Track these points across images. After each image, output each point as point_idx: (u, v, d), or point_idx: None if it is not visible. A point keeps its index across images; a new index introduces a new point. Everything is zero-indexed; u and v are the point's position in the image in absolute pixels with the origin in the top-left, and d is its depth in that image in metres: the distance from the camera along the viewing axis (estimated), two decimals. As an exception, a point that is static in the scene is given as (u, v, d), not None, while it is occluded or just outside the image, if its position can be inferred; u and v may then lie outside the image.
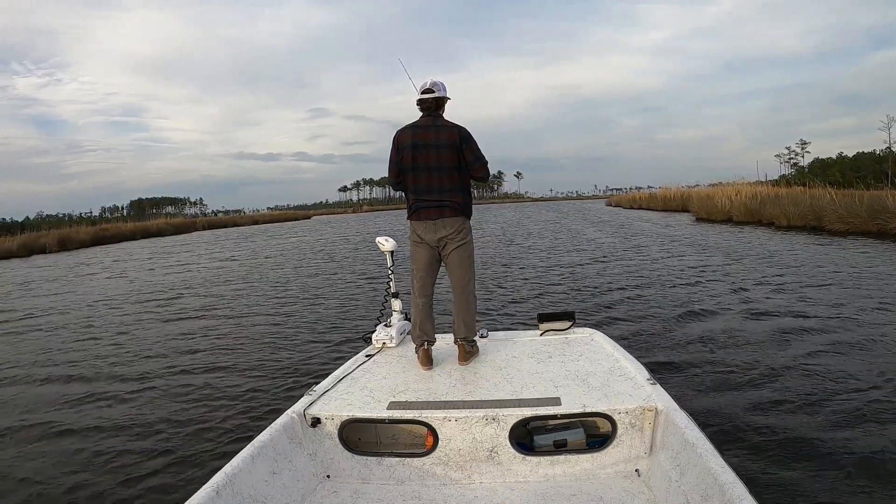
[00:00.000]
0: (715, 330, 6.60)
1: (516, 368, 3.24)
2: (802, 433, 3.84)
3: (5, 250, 30.77)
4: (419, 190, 3.49)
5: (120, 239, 40.74)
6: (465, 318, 3.53)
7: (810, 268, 10.70)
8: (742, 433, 3.89)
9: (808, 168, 48.73)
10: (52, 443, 4.59)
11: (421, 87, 3.54)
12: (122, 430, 4.68)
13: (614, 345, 3.53)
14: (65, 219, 78.32)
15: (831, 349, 5.61)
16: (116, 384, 5.97)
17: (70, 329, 9.19)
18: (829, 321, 6.67)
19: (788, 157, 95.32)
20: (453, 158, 3.46)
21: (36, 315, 10.83)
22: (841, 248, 13.40)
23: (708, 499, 1.95)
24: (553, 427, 2.68)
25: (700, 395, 4.58)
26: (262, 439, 2.48)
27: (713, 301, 8.24)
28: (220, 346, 7.23)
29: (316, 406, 2.79)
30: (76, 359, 7.17)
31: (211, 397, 5.27)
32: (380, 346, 3.83)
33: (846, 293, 8.18)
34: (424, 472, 2.63)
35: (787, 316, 7.07)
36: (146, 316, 9.94)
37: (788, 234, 17.61)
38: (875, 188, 20.94)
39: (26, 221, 75.67)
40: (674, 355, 5.71)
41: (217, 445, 4.18)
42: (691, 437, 2.25)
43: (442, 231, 3.48)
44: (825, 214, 17.65)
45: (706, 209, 26.98)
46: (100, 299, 12.33)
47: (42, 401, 5.63)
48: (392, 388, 3.02)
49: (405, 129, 3.52)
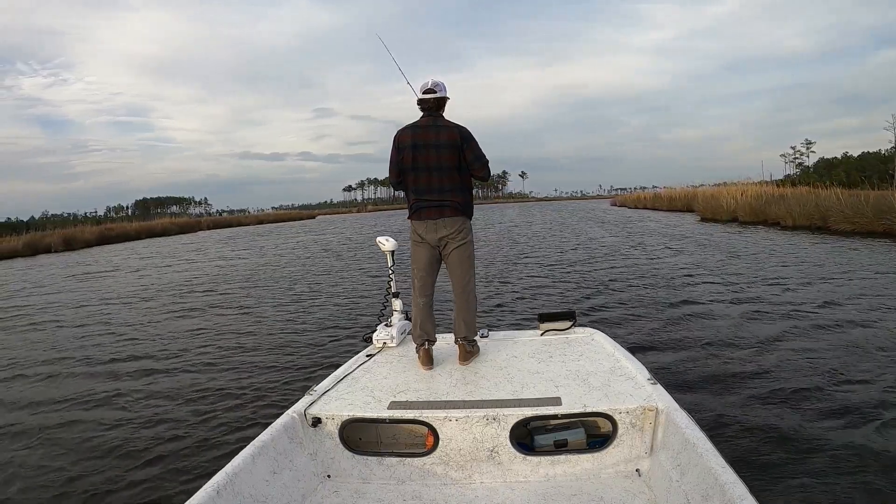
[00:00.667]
0: (716, 330, 6.59)
1: (517, 368, 3.24)
2: (804, 433, 3.82)
3: (11, 249, 30.95)
4: (419, 190, 3.49)
5: (125, 239, 40.98)
6: (466, 318, 3.53)
7: (815, 267, 10.66)
8: (743, 433, 3.88)
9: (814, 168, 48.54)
10: (50, 437, 4.63)
11: (422, 87, 3.54)
12: (121, 428, 4.69)
13: (615, 344, 3.52)
14: (70, 218, 78.49)
15: (835, 349, 5.59)
16: (116, 381, 6.01)
17: (69, 327, 9.25)
18: (834, 321, 6.64)
19: (793, 156, 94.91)
20: (454, 158, 3.46)
21: (37, 313, 10.90)
22: (847, 248, 13.33)
23: (708, 499, 1.95)
24: (554, 427, 2.68)
25: (701, 395, 4.57)
26: (263, 439, 2.48)
27: (715, 301, 8.23)
28: (221, 346, 7.24)
29: (316, 406, 2.79)
30: (75, 357, 7.21)
31: (211, 397, 5.27)
32: (380, 345, 3.83)
33: (852, 293, 8.14)
34: (425, 472, 2.63)
35: (789, 316, 7.05)
36: (148, 314, 9.99)
37: (794, 234, 17.54)
38: (881, 188, 20.83)
39: (31, 221, 75.94)
40: (675, 355, 5.70)
41: (217, 445, 4.19)
42: (692, 436, 2.25)
43: (443, 231, 3.48)
44: (831, 214, 17.57)
45: (711, 209, 26.92)
46: (100, 298, 12.39)
47: (41, 396, 5.68)
48: (393, 388, 3.02)
49: (405, 129, 3.52)
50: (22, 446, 4.51)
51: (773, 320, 6.89)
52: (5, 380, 6.47)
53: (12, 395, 5.84)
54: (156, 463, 4.00)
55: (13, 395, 5.84)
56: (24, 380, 6.39)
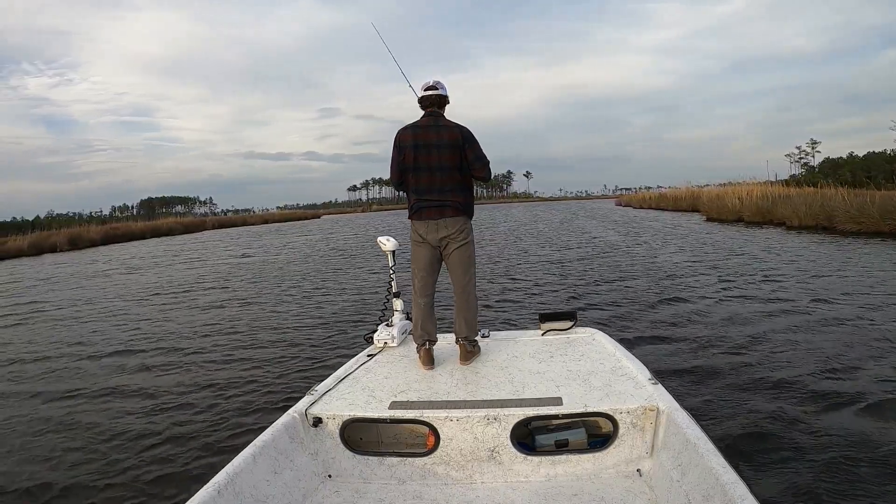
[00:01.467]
0: (718, 330, 6.57)
1: (518, 368, 3.24)
2: (806, 434, 3.81)
3: (16, 249, 31.06)
4: (420, 190, 3.50)
5: (130, 238, 41.10)
6: (467, 317, 3.53)
7: (819, 267, 10.61)
8: (744, 433, 3.87)
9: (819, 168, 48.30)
10: (41, 433, 4.67)
11: (424, 84, 3.56)
12: (119, 427, 4.69)
13: (616, 344, 3.52)
14: (74, 218, 78.68)
15: (838, 350, 5.56)
16: (116, 378, 6.07)
17: (67, 326, 9.30)
18: (839, 321, 6.62)
19: (799, 156, 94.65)
20: (455, 158, 3.47)
21: (44, 310, 10.94)
22: (852, 248, 13.27)
23: (709, 499, 1.95)
24: (554, 427, 2.68)
25: (702, 395, 4.56)
26: (264, 439, 2.48)
27: (717, 301, 8.21)
28: (222, 345, 7.25)
29: (317, 406, 2.80)
30: (72, 354, 7.29)
31: (212, 396, 5.28)
32: (381, 345, 3.83)
33: (859, 293, 8.09)
34: (426, 472, 2.63)
35: (792, 316, 7.03)
36: (151, 313, 10.03)
37: (799, 234, 17.47)
38: (886, 188, 20.75)
39: (36, 220, 76.02)
40: (676, 355, 5.70)
41: (218, 444, 4.18)
42: (693, 436, 2.25)
43: (444, 231, 3.48)
44: (836, 214, 17.50)
45: (717, 209, 26.84)
46: (103, 296, 12.44)
47: (41, 392, 5.74)
48: (393, 388, 3.02)
49: (406, 129, 3.52)
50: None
51: (774, 320, 6.87)
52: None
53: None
54: (155, 461, 4.00)
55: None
56: (23, 370, 6.50)
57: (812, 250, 13.36)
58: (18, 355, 7.49)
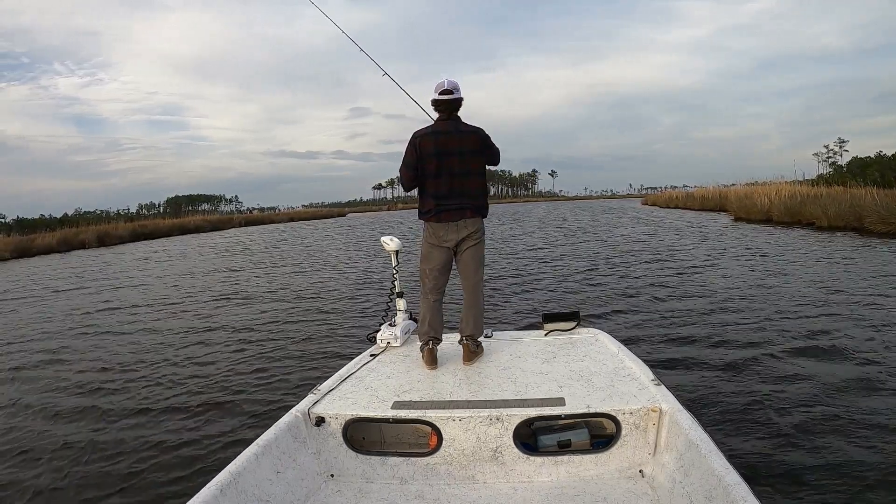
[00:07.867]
0: (720, 330, 6.50)
1: (520, 368, 3.24)
2: (808, 434, 3.77)
3: (45, 245, 31.76)
4: (440, 195, 3.51)
5: (157, 235, 41.87)
6: (475, 315, 3.57)
7: (838, 268, 10.36)
8: (746, 434, 3.84)
9: (847, 167, 47.15)
10: (51, 431, 4.76)
11: (437, 86, 3.50)
12: (119, 427, 4.74)
13: (619, 345, 3.50)
14: (102, 215, 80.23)
15: (844, 351, 5.46)
16: (116, 375, 6.17)
17: (66, 325, 9.47)
18: (846, 321, 6.51)
19: (826, 155, 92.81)
20: (476, 164, 3.55)
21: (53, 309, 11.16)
22: (881, 249, 12.85)
23: (712, 500, 1.95)
24: (557, 427, 2.68)
25: (704, 396, 4.53)
26: (267, 438, 2.50)
27: (718, 301, 8.12)
28: (222, 345, 7.27)
29: (320, 405, 2.81)
30: (73, 349, 7.53)
31: (214, 396, 5.30)
32: (384, 345, 3.84)
33: (876, 296, 7.84)
34: (428, 472, 2.64)
35: (794, 315, 6.94)
36: (154, 312, 10.15)
37: (828, 234, 17.04)
38: (917, 188, 20.22)
39: (65, 217, 77.70)
40: (678, 356, 5.66)
41: (220, 443, 4.21)
42: (695, 437, 2.25)
43: (463, 232, 3.54)
44: (866, 215, 17.05)
45: (745, 209, 26.22)
46: (106, 297, 12.55)
47: (41, 389, 5.91)
48: (396, 388, 3.03)
49: (427, 136, 3.49)
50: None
51: (777, 320, 6.78)
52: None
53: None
54: (155, 461, 4.03)
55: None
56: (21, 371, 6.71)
57: (836, 250, 12.99)
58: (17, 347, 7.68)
